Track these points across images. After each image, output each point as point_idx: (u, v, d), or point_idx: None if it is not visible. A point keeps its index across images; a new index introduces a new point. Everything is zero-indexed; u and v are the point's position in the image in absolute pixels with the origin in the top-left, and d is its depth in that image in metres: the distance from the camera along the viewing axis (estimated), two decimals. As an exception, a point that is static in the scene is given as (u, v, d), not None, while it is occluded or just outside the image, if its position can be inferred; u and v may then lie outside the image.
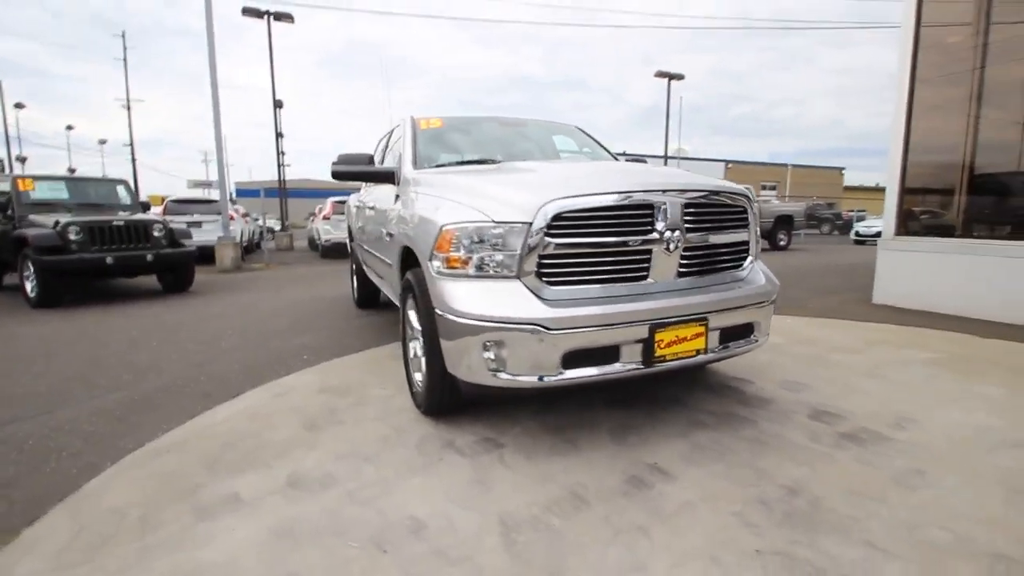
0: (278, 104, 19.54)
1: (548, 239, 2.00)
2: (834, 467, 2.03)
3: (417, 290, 2.40)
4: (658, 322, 2.08)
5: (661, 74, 24.56)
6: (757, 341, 2.44)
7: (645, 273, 2.15)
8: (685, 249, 2.19)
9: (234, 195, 11.67)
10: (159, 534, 1.72)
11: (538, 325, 1.94)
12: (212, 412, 2.75)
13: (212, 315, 5.53)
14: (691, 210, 2.18)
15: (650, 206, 2.11)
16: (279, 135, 18.10)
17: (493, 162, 3.12)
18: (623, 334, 2.04)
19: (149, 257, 6.56)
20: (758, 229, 2.53)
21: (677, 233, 2.14)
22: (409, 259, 2.74)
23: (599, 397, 2.75)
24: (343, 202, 13.96)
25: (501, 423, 2.49)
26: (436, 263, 2.19)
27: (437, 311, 2.19)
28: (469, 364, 2.08)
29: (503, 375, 2.02)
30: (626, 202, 2.07)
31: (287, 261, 12.45)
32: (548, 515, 1.76)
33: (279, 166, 18.41)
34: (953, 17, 5.10)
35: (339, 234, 12.68)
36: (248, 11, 16.35)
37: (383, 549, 1.62)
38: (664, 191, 2.13)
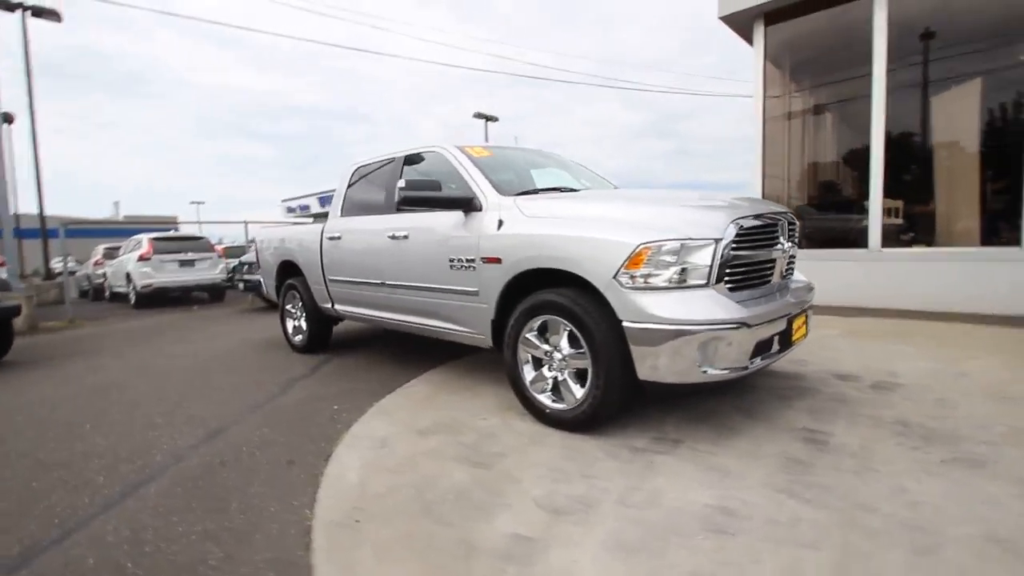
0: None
1: (731, 252, 2.39)
2: (880, 395, 2.83)
3: (580, 308, 2.51)
4: (791, 314, 2.63)
5: (479, 115, 26.52)
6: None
7: (770, 277, 2.70)
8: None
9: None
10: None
11: (743, 323, 2.30)
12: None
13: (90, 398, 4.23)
14: (790, 228, 2.83)
15: (775, 224, 2.68)
16: (37, 160, 14.01)
17: (569, 190, 3.38)
18: (778, 325, 2.53)
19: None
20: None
21: (788, 244, 2.75)
22: (527, 282, 2.80)
23: (707, 392, 3.15)
24: (167, 238, 11.70)
25: (640, 424, 2.72)
26: (624, 279, 2.37)
27: (628, 323, 2.36)
28: (676, 366, 2.31)
29: (712, 370, 2.31)
30: (767, 221, 2.60)
31: (92, 315, 9.73)
32: (785, 475, 2.11)
33: (39, 197, 14.17)
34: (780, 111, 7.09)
35: (165, 277, 10.51)
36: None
37: (729, 532, 1.77)
38: (779, 213, 2.73)
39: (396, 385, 3.72)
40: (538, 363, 2.87)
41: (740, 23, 6.49)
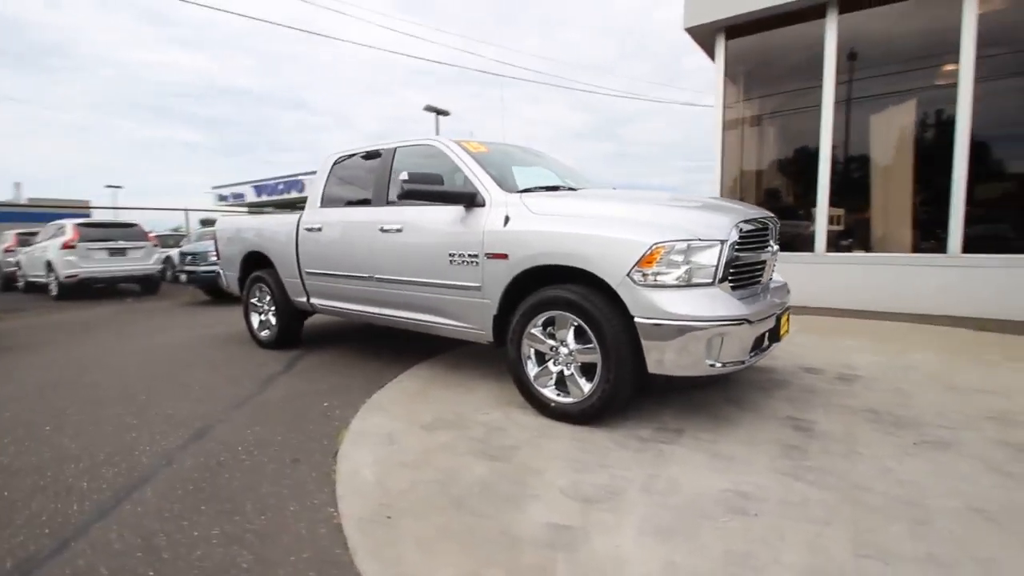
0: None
1: (734, 253, 2.55)
2: (846, 386, 3.12)
3: (590, 304, 2.59)
4: (780, 312, 2.84)
5: (430, 109, 26.06)
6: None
7: (760, 277, 2.90)
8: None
9: None
10: None
11: (746, 319, 2.46)
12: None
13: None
14: (775, 231, 3.03)
15: (766, 228, 2.87)
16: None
17: (567, 188, 3.44)
18: (769, 322, 2.73)
19: None
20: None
21: (776, 247, 2.95)
22: (531, 280, 2.85)
23: (696, 385, 3.32)
24: (94, 224, 10.66)
25: (639, 416, 2.85)
26: (637, 276, 2.46)
27: (640, 318, 2.46)
28: (685, 360, 2.43)
29: (716, 364, 2.46)
30: (760, 225, 2.79)
31: (7, 307, 8.72)
32: (785, 461, 2.29)
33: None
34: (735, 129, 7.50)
35: (93, 267, 9.63)
36: None
37: (752, 513, 1.90)
38: (768, 217, 2.93)
39: (383, 380, 3.66)
40: (541, 358, 2.92)
41: (703, 35, 6.82)
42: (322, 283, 4.17)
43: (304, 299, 4.43)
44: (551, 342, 2.83)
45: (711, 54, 7.28)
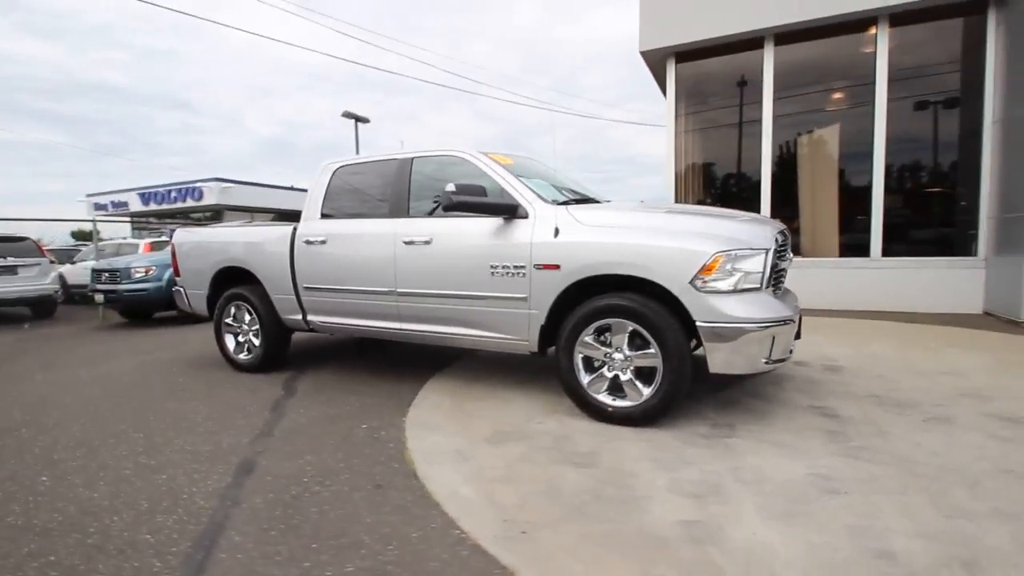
0: None
1: (774, 260, 2.83)
2: (838, 376, 3.57)
3: (650, 311, 2.73)
4: (800, 314, 3.17)
5: (348, 115, 25.10)
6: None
7: (783, 283, 3.22)
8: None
9: None
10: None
11: (790, 320, 2.74)
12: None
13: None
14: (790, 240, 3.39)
15: (787, 237, 3.20)
16: None
17: (592, 200, 3.58)
18: (797, 322, 3.04)
19: None
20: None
21: (791, 255, 3.30)
22: (577, 290, 2.95)
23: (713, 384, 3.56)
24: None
25: (684, 416, 3.04)
26: (698, 283, 2.65)
27: (702, 322, 2.65)
28: (745, 359, 2.65)
29: (770, 362, 2.70)
30: (784, 235, 3.10)
31: None
32: (835, 445, 2.59)
33: None
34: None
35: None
36: None
37: (843, 492, 2.13)
38: (786, 229, 3.26)
39: (404, 397, 3.54)
40: (589, 365, 3.01)
41: (655, 59, 7.35)
42: (324, 299, 3.94)
43: (298, 317, 4.14)
44: (605, 349, 2.94)
45: (657, 75, 7.86)
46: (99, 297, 7.64)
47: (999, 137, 5.72)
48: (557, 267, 2.99)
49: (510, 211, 3.15)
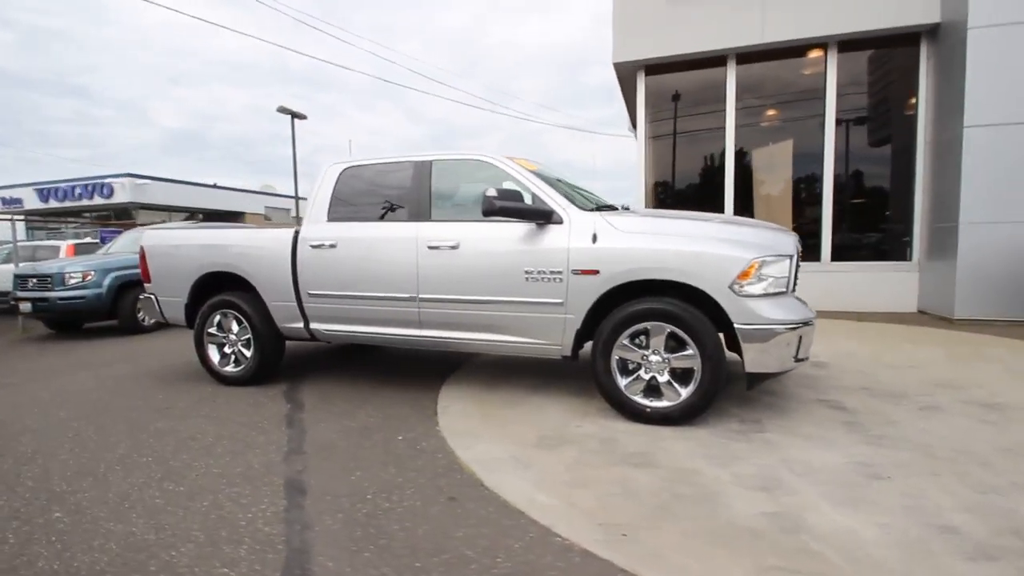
0: None
1: (796, 265, 3.05)
2: (826, 372, 3.90)
3: (689, 315, 2.86)
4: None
5: (284, 110, 23.82)
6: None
7: (795, 286, 3.47)
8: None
9: None
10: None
11: (813, 320, 2.97)
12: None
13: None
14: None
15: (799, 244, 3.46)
16: None
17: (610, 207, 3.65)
18: (810, 321, 3.30)
19: None
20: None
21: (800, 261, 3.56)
22: (617, 294, 3.03)
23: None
24: None
25: (714, 415, 3.21)
26: (736, 287, 2.81)
27: (740, 324, 2.81)
28: (779, 358, 2.84)
29: (798, 360, 2.91)
30: (799, 243, 3.35)
31: None
32: (857, 435, 2.84)
33: None
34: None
35: None
36: None
37: (885, 476, 2.34)
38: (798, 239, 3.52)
39: (425, 407, 3.46)
40: (624, 367, 3.10)
41: (626, 70, 7.65)
42: (333, 306, 3.76)
43: (299, 325, 3.92)
44: (642, 351, 3.04)
45: (625, 85, 8.18)
46: (25, 306, 6.77)
47: (930, 155, 6.49)
48: (596, 272, 3.05)
49: (545, 217, 3.18)
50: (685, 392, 2.96)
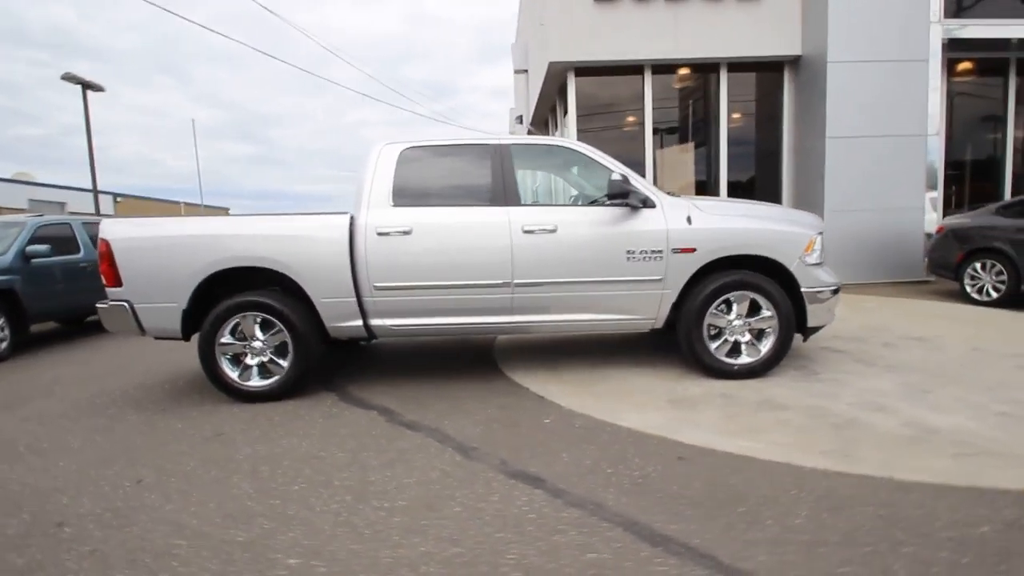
0: None
1: (822, 240, 3.83)
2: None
3: (767, 283, 3.43)
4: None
5: (71, 78, 18.62)
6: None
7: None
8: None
9: None
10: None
11: (839, 286, 3.77)
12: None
13: None
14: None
15: (800, 224, 4.28)
16: None
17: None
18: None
19: None
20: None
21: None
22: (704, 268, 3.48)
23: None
24: None
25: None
26: (803, 258, 3.46)
27: (807, 288, 3.47)
28: (827, 315, 3.57)
29: (835, 316, 3.69)
30: (810, 222, 4.17)
31: None
32: (896, 375, 3.73)
33: None
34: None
35: None
36: None
37: (930, 390, 3.18)
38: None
39: (523, 398, 3.46)
40: (711, 333, 3.55)
41: (557, 71, 8.12)
42: (406, 298, 3.47)
43: (356, 323, 3.53)
44: (727, 317, 3.52)
45: (550, 84, 8.69)
46: None
47: (793, 160, 8.29)
48: (693, 250, 3.43)
49: (643, 201, 3.44)
50: (765, 348, 3.53)
